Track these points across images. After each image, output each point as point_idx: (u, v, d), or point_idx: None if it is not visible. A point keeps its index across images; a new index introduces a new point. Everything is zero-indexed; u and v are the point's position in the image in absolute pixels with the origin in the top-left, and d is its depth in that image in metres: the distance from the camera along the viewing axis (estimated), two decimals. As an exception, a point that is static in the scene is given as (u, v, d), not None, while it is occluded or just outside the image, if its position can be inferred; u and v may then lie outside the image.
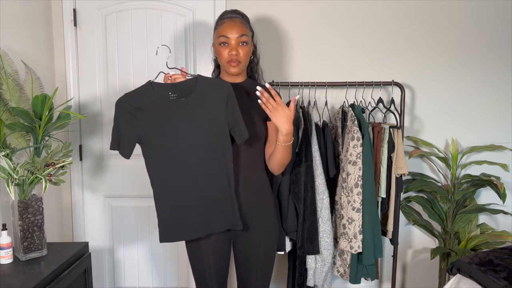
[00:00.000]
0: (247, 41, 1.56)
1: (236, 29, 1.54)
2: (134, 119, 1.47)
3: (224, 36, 1.54)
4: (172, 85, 1.51)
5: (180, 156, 1.48)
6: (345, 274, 2.07)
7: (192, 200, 1.50)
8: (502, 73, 2.28)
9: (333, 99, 2.27)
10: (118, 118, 1.47)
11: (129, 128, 1.47)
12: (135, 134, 1.47)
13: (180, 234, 1.53)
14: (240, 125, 1.49)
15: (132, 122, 1.47)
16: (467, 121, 2.32)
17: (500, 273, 1.56)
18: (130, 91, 1.52)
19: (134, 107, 1.47)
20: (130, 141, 1.48)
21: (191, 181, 1.49)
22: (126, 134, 1.47)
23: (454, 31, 2.26)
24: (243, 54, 1.56)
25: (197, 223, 1.51)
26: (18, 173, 1.58)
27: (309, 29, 2.27)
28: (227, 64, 1.57)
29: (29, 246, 1.64)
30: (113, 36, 2.27)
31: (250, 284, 1.66)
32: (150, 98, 1.48)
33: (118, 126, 1.48)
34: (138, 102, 1.47)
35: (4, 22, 1.83)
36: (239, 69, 1.58)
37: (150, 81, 1.51)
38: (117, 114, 1.48)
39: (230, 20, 1.56)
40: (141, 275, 2.43)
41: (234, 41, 1.54)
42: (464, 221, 2.23)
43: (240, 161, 1.56)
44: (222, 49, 1.56)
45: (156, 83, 1.50)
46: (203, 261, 1.61)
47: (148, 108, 1.47)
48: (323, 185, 1.97)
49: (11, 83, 1.69)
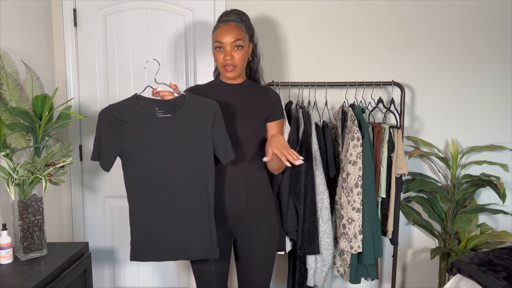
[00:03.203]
0: (242, 44, 1.54)
1: (231, 33, 1.52)
2: (116, 132, 1.44)
3: (219, 42, 1.53)
4: (159, 101, 1.48)
5: (161, 174, 1.46)
6: (345, 274, 2.07)
7: (169, 221, 1.47)
8: (502, 73, 2.28)
9: (333, 99, 2.27)
10: (101, 130, 1.44)
11: (110, 140, 1.44)
12: (116, 147, 1.45)
13: (152, 255, 1.49)
14: (226, 145, 1.47)
15: (114, 135, 1.44)
16: (467, 121, 2.32)
17: (500, 273, 1.56)
18: (116, 103, 1.49)
19: (118, 119, 1.44)
20: (111, 154, 1.45)
21: (169, 201, 1.47)
22: (107, 146, 1.44)
23: (454, 31, 2.26)
24: (238, 59, 1.54)
25: (171, 246, 1.48)
26: (18, 173, 1.58)
27: (309, 29, 2.27)
28: (222, 68, 1.56)
29: (29, 246, 1.64)
30: (113, 36, 2.27)
31: (251, 283, 1.66)
32: (136, 112, 1.45)
33: (100, 138, 1.45)
34: (123, 115, 1.44)
35: (4, 22, 1.83)
36: (235, 73, 1.57)
37: (137, 94, 1.48)
38: (100, 125, 1.45)
39: (224, 25, 1.55)
40: (141, 275, 2.43)
41: (229, 46, 1.53)
42: (464, 221, 2.23)
43: (240, 161, 1.56)
44: (218, 54, 1.55)
45: (142, 97, 1.47)
46: (204, 260, 1.61)
47: (132, 121, 1.45)
48: (323, 185, 1.97)
49: (11, 83, 1.69)
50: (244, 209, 1.58)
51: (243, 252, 1.65)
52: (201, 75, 2.27)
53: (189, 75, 2.29)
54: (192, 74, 2.28)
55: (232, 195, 1.57)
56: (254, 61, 1.71)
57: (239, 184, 1.57)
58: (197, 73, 2.28)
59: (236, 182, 1.57)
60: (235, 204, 1.57)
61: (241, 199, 1.57)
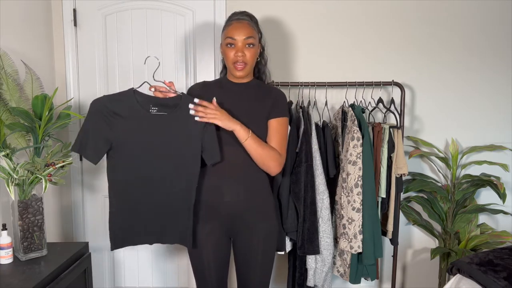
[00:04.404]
0: (253, 43, 1.55)
1: (243, 30, 1.54)
2: (107, 124, 1.45)
3: (231, 38, 1.54)
4: (155, 98, 1.51)
5: (145, 167, 1.49)
6: (345, 274, 2.07)
7: (148, 209, 1.52)
8: (502, 73, 2.29)
9: (333, 99, 2.27)
10: (91, 121, 1.45)
11: (100, 132, 1.45)
12: (106, 139, 1.45)
13: (130, 239, 1.55)
14: (214, 148, 1.51)
15: (104, 127, 1.45)
16: (467, 121, 2.32)
17: (500, 273, 1.56)
18: (111, 94, 1.50)
19: (110, 111, 1.45)
20: (100, 147, 1.45)
21: (151, 190, 1.51)
22: (96, 138, 1.45)
23: (454, 31, 2.26)
24: (249, 56, 1.55)
25: (148, 231, 1.54)
26: (18, 173, 1.58)
27: (309, 29, 2.27)
28: (233, 66, 1.57)
29: (29, 246, 1.64)
30: (113, 36, 2.27)
31: (250, 283, 1.66)
32: (130, 105, 1.47)
33: (88, 129, 1.44)
34: (117, 107, 1.46)
35: (4, 22, 1.83)
36: (245, 72, 1.58)
37: (133, 88, 1.50)
38: (90, 116, 1.45)
39: (237, 22, 1.56)
40: (141, 275, 2.43)
41: (241, 42, 1.54)
42: (464, 221, 2.23)
43: (241, 161, 1.56)
44: (229, 50, 1.56)
45: (139, 92, 1.49)
46: (203, 259, 1.61)
47: (125, 115, 1.46)
48: (323, 185, 1.97)
49: (11, 83, 1.69)
50: (243, 208, 1.58)
51: (242, 252, 1.65)
52: (201, 75, 2.27)
53: (189, 75, 2.29)
54: (192, 74, 2.28)
55: (232, 194, 1.57)
56: (261, 63, 1.71)
57: (239, 184, 1.57)
58: (197, 73, 2.28)
59: (236, 181, 1.57)
60: (235, 204, 1.57)
61: (241, 199, 1.57)
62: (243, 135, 1.49)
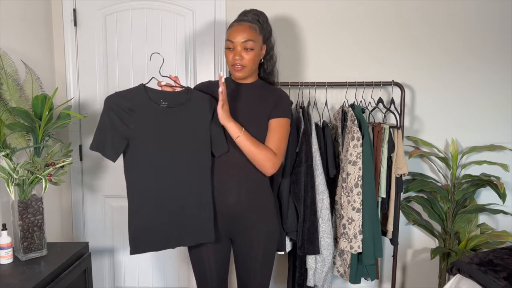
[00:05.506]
0: (252, 46, 1.54)
1: (242, 34, 1.53)
2: (123, 120, 1.44)
3: (230, 41, 1.55)
4: (165, 93, 1.52)
5: (163, 164, 1.49)
6: (345, 274, 2.07)
7: (169, 211, 1.50)
8: (502, 73, 2.28)
9: (333, 99, 2.27)
10: (107, 118, 1.43)
11: (117, 129, 1.44)
12: (124, 136, 1.45)
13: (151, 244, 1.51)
14: (221, 139, 1.53)
15: (121, 123, 1.44)
16: (467, 121, 2.32)
17: (500, 273, 1.56)
18: (122, 91, 1.50)
19: (125, 108, 1.45)
20: (118, 143, 1.44)
21: (171, 190, 1.50)
22: (113, 135, 1.43)
23: (454, 31, 2.26)
24: (247, 59, 1.55)
25: (170, 235, 1.51)
26: (18, 173, 1.58)
27: (309, 29, 2.27)
28: (231, 67, 1.58)
29: (29, 246, 1.64)
30: (113, 36, 2.27)
31: (250, 283, 1.66)
32: (143, 101, 1.47)
33: (105, 127, 1.43)
34: (130, 103, 1.45)
35: (4, 22, 1.83)
36: (244, 73, 1.58)
37: (143, 84, 1.50)
38: (106, 114, 1.43)
39: (238, 24, 1.56)
40: (141, 275, 2.43)
41: (239, 46, 1.54)
42: (464, 221, 2.23)
43: (241, 162, 1.56)
44: (228, 53, 1.57)
45: (150, 88, 1.50)
46: (204, 259, 1.61)
47: (138, 111, 1.46)
48: (323, 185, 1.97)
49: (11, 83, 1.69)
50: (244, 208, 1.58)
51: (243, 252, 1.65)
52: (201, 74, 2.27)
53: (189, 75, 2.29)
54: (192, 74, 2.28)
55: (232, 194, 1.57)
56: (269, 63, 1.71)
57: (240, 184, 1.57)
58: (197, 73, 2.28)
59: (237, 182, 1.57)
60: (235, 204, 1.57)
61: (242, 199, 1.57)
62: (234, 132, 1.48)
